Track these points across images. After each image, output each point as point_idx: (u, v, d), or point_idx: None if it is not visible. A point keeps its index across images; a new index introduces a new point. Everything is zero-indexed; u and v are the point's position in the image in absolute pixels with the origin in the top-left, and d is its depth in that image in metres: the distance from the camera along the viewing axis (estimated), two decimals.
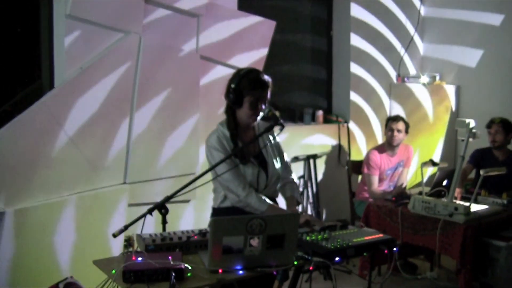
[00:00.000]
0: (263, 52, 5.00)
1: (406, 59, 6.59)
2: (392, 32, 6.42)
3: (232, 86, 2.92)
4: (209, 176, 2.85)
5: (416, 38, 6.66)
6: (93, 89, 3.74)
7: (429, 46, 6.72)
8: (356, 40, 6.08)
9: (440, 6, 6.54)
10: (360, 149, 6.18)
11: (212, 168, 2.81)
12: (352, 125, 6.10)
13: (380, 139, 6.25)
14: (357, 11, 6.06)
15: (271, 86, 2.97)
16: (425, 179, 4.23)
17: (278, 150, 3.20)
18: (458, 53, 6.40)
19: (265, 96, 2.94)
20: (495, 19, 6.01)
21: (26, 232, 3.43)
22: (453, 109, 6.43)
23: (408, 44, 6.52)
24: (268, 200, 2.95)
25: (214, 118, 4.40)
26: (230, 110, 3.01)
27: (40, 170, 3.51)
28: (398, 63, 6.48)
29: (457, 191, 4.31)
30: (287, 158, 3.29)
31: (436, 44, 6.64)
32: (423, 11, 6.65)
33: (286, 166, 3.26)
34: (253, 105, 2.92)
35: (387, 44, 6.40)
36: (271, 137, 3.12)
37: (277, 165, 3.11)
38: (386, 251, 2.70)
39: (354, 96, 6.13)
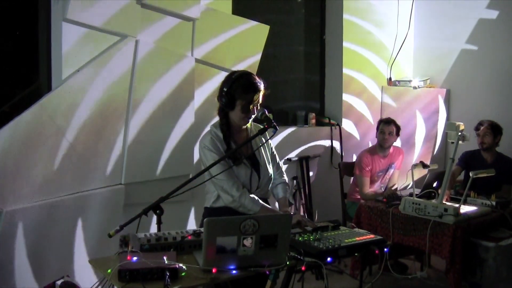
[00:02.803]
0: (257, 55, 5.04)
1: (398, 62, 6.63)
2: (384, 35, 6.46)
3: (225, 89, 2.94)
4: (204, 177, 2.88)
5: (408, 42, 6.71)
6: (90, 91, 3.77)
7: (421, 49, 6.77)
8: (348, 43, 6.12)
9: (431, 9, 6.60)
10: (352, 151, 6.22)
11: (206, 169, 2.83)
12: (344, 127, 6.14)
13: (371, 141, 6.30)
14: (349, 15, 6.10)
15: (264, 90, 2.99)
16: (415, 181, 4.27)
17: (270, 152, 3.24)
18: (449, 57, 6.45)
19: (257, 100, 2.96)
20: (488, 20, 6.07)
21: (22, 232, 3.46)
22: (444, 111, 6.49)
23: (400, 47, 6.56)
24: (261, 201, 2.99)
25: (208, 121, 4.47)
26: (223, 112, 3.03)
27: (37, 171, 3.53)
28: (389, 66, 6.54)
29: (445, 193, 4.36)
30: (279, 159, 3.33)
31: (428, 47, 6.69)
32: (414, 14, 6.71)
33: (278, 168, 3.29)
34: (245, 109, 2.94)
35: (379, 47, 6.44)
36: (263, 139, 3.13)
37: (269, 166, 3.15)
38: (377, 252, 2.72)
39: (346, 99, 6.17)
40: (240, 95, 2.92)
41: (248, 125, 3.11)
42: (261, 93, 2.98)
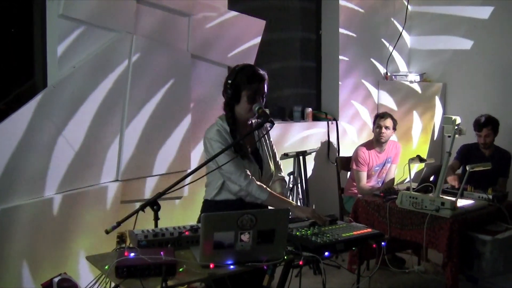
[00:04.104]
0: (254, 50, 5.03)
1: (394, 56, 6.65)
2: (380, 29, 6.47)
3: (229, 81, 2.94)
4: (201, 172, 2.86)
5: (404, 36, 6.72)
6: (86, 88, 3.76)
7: (417, 43, 6.78)
8: (345, 38, 6.13)
9: (427, 3, 6.60)
10: (349, 145, 6.23)
11: (212, 158, 2.78)
12: (341, 122, 6.15)
13: (368, 136, 6.30)
14: (345, 9, 6.10)
15: (267, 80, 2.99)
16: (412, 175, 4.27)
17: (271, 149, 3.24)
18: (445, 51, 6.47)
19: (262, 89, 2.96)
20: (483, 15, 6.08)
21: (19, 229, 3.46)
22: (440, 106, 6.50)
23: (396, 41, 6.57)
24: (268, 189, 2.96)
25: (205, 116, 4.47)
26: (229, 106, 3.03)
27: (33, 167, 3.52)
28: (386, 60, 6.54)
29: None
30: (278, 157, 3.34)
31: (424, 42, 6.70)
32: (410, 9, 6.71)
33: (277, 165, 3.31)
34: (251, 99, 2.93)
35: (375, 41, 6.45)
36: (263, 132, 3.14)
37: (271, 163, 3.16)
38: (374, 246, 2.71)
39: (343, 94, 6.18)
40: (245, 86, 2.92)
41: (253, 120, 3.11)
42: (266, 83, 2.99)
